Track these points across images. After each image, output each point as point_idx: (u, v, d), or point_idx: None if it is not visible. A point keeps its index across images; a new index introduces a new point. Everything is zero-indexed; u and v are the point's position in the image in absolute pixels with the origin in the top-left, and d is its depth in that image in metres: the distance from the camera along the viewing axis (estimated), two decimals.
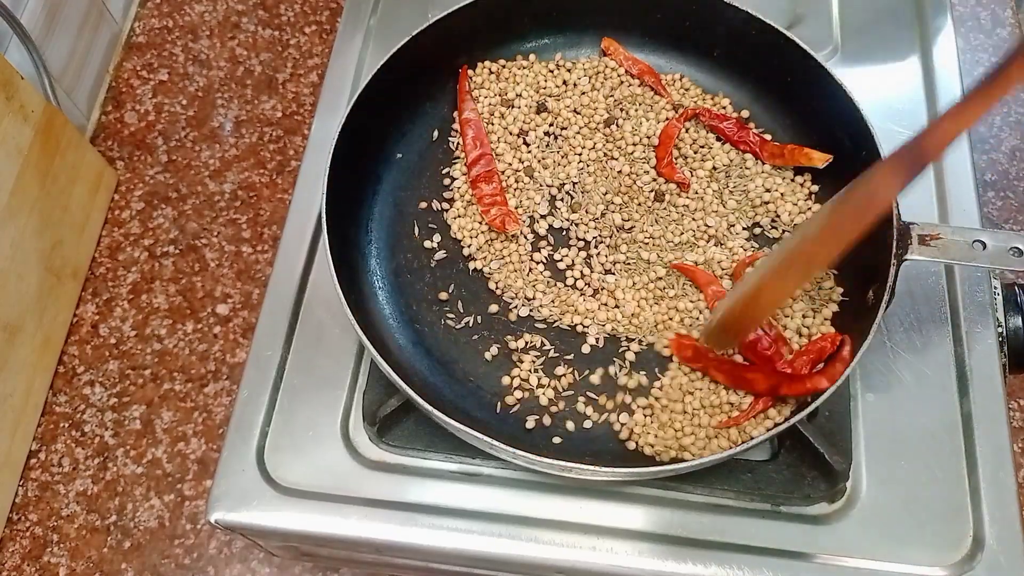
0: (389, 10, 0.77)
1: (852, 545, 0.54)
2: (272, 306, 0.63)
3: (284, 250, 0.65)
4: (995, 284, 0.63)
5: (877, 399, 0.59)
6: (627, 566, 0.54)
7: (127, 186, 0.91)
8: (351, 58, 0.74)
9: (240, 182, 0.91)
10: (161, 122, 0.94)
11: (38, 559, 0.74)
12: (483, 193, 0.63)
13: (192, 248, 0.87)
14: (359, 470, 0.57)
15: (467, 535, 0.55)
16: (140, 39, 1.00)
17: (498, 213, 0.62)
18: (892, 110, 0.70)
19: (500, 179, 0.64)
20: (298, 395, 0.60)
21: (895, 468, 0.57)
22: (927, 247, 0.54)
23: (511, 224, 0.61)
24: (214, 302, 0.85)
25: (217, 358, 0.82)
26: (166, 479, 0.77)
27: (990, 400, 0.59)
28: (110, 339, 0.83)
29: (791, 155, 0.62)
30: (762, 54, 0.64)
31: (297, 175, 0.68)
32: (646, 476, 0.53)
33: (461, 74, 0.67)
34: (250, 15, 1.01)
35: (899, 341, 0.61)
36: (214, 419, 0.79)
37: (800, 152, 0.62)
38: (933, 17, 0.76)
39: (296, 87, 0.96)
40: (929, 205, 0.66)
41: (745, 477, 0.56)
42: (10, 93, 0.73)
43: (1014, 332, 0.61)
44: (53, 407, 0.80)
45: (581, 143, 0.65)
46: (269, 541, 0.60)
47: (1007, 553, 0.54)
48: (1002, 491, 0.56)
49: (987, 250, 0.53)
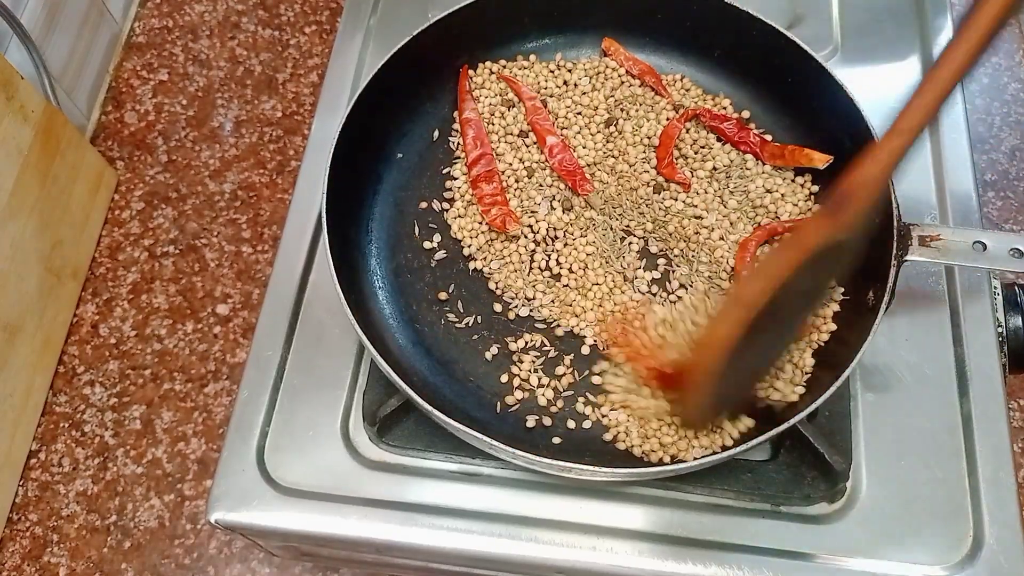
0: (389, 10, 0.77)
1: (852, 545, 0.54)
2: (272, 306, 0.63)
3: (284, 250, 0.65)
4: (995, 284, 0.63)
5: (877, 399, 0.59)
6: (627, 566, 0.54)
7: (127, 186, 0.91)
8: (351, 58, 0.74)
9: (240, 182, 0.91)
10: (161, 122, 0.94)
11: (38, 559, 0.74)
12: (483, 193, 0.63)
13: (192, 248, 0.87)
14: (359, 470, 0.57)
15: (467, 535, 0.55)
16: (140, 39, 1.00)
17: (498, 213, 0.62)
18: (892, 110, 0.69)
19: (500, 179, 0.64)
20: (298, 395, 0.60)
21: (895, 468, 0.57)
22: (927, 248, 0.54)
23: (511, 224, 0.61)
24: (214, 302, 0.85)
25: (217, 358, 0.82)
26: (166, 479, 0.77)
27: (990, 400, 0.59)
28: (110, 339, 0.83)
29: (792, 156, 0.62)
30: (762, 54, 0.64)
31: (297, 175, 0.68)
32: (646, 476, 0.53)
33: (461, 74, 0.67)
34: (250, 15, 1.01)
35: (899, 341, 0.61)
36: (214, 419, 0.79)
37: (800, 153, 0.62)
38: (933, 17, 0.76)
39: (296, 87, 0.96)
40: (929, 205, 0.66)
41: (745, 477, 0.56)
42: (10, 93, 0.73)
43: (1014, 332, 0.61)
44: (53, 407, 0.80)
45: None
46: (269, 541, 0.60)
47: (1007, 553, 0.54)
48: (1002, 491, 0.56)
49: (987, 251, 0.53)
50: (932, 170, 0.68)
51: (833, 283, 0.55)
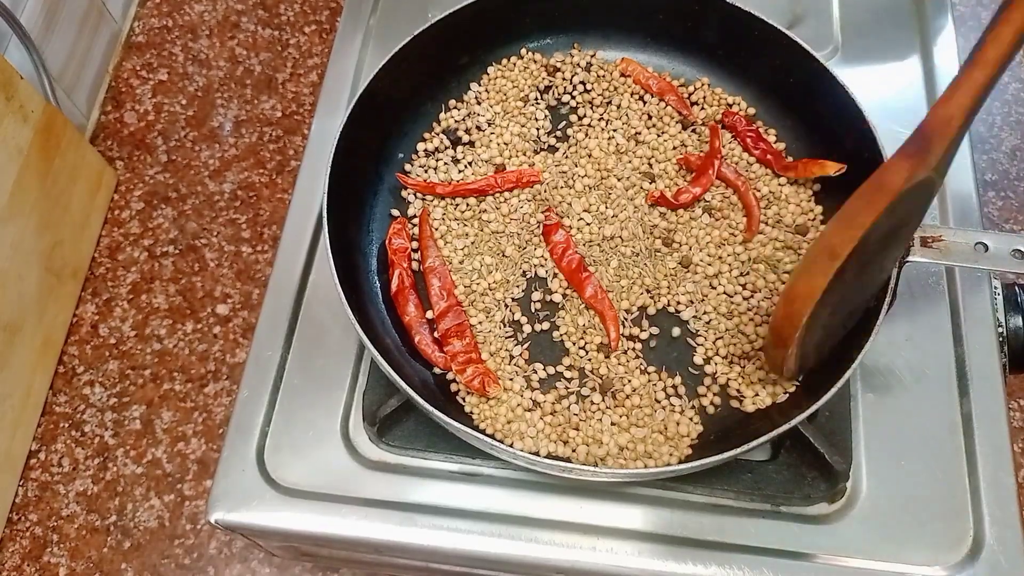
0: (389, 10, 0.77)
1: (852, 545, 0.54)
2: (272, 306, 0.63)
3: (284, 250, 0.65)
4: (995, 284, 0.63)
5: (877, 399, 0.59)
6: (627, 566, 0.54)
7: (127, 186, 0.91)
8: (351, 58, 0.74)
9: (240, 182, 0.91)
10: (161, 122, 0.94)
11: (38, 559, 0.74)
12: (455, 351, 0.56)
13: (192, 248, 0.87)
14: (359, 470, 0.57)
15: (467, 535, 0.55)
16: (140, 39, 1.00)
17: (474, 373, 0.55)
18: (892, 110, 0.70)
19: (472, 333, 0.58)
20: (298, 395, 0.60)
21: (895, 468, 0.57)
22: (929, 249, 0.54)
23: (491, 386, 0.55)
24: (214, 302, 0.85)
25: (217, 358, 0.82)
26: (166, 479, 0.77)
27: (990, 400, 0.59)
28: (110, 339, 0.83)
29: (805, 168, 0.62)
30: (763, 55, 0.64)
31: (297, 175, 0.68)
32: (646, 476, 0.53)
33: (421, 218, 0.62)
34: (250, 15, 1.01)
35: (899, 341, 0.61)
36: (214, 419, 0.79)
37: (814, 164, 0.61)
38: (933, 17, 0.76)
39: (296, 87, 0.96)
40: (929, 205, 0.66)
41: (745, 477, 0.56)
42: (10, 93, 0.73)
43: (1014, 332, 0.61)
44: (53, 407, 0.80)
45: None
46: (269, 541, 0.60)
47: (1007, 553, 0.54)
48: (1002, 491, 0.56)
49: (989, 252, 0.53)
50: None
51: (916, 224, 0.54)
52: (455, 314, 0.58)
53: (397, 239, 0.61)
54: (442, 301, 0.58)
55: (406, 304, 0.58)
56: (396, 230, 0.61)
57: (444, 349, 0.57)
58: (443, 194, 0.63)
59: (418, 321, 0.58)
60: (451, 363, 0.56)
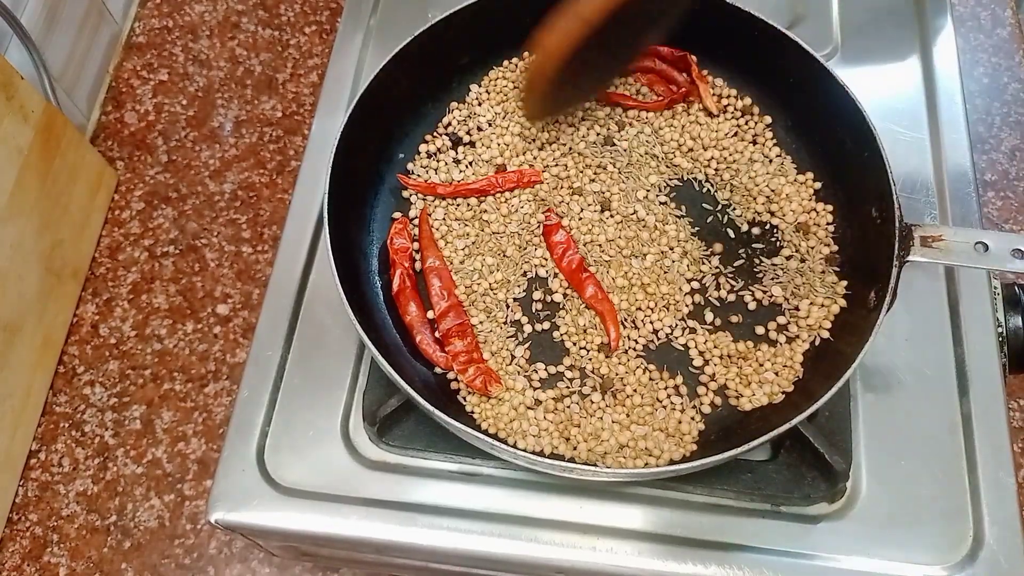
0: (389, 10, 0.77)
1: (852, 545, 0.54)
2: (272, 306, 0.63)
3: (284, 250, 0.65)
4: (995, 284, 0.63)
5: (877, 399, 0.59)
6: (627, 566, 0.54)
7: (127, 186, 0.91)
8: (351, 58, 0.74)
9: (240, 182, 0.90)
10: (161, 122, 0.94)
11: (38, 559, 0.74)
12: (457, 351, 0.56)
13: (192, 248, 0.87)
14: (359, 470, 0.57)
15: (467, 535, 0.55)
16: (140, 39, 1.00)
17: (476, 373, 0.56)
18: (892, 110, 0.70)
19: (474, 333, 0.58)
20: (298, 395, 0.60)
21: (895, 468, 0.57)
22: (929, 249, 0.54)
23: (493, 385, 0.56)
24: (214, 302, 0.84)
25: (217, 358, 0.82)
26: (166, 479, 0.77)
27: (990, 400, 0.59)
28: (110, 339, 0.83)
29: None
30: (763, 55, 0.64)
31: (297, 175, 0.68)
32: (646, 476, 0.53)
33: (421, 218, 0.63)
34: (250, 15, 1.01)
35: (899, 341, 0.61)
36: (214, 419, 0.79)
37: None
38: (933, 17, 0.76)
39: (296, 87, 0.96)
40: (929, 205, 0.66)
41: (745, 477, 0.56)
42: (10, 93, 0.73)
43: (1014, 332, 0.61)
44: (53, 407, 0.80)
45: None
46: (269, 541, 0.60)
47: (1007, 553, 0.54)
48: (1002, 491, 0.56)
49: (989, 252, 0.53)
50: (932, 170, 0.68)
51: (677, 10, 0.59)
52: (456, 314, 0.58)
53: (398, 239, 0.61)
54: (443, 301, 0.59)
55: (407, 304, 0.58)
56: (397, 230, 0.61)
57: (445, 349, 0.57)
58: (444, 194, 0.63)
59: (419, 321, 0.58)
60: (453, 363, 0.56)
